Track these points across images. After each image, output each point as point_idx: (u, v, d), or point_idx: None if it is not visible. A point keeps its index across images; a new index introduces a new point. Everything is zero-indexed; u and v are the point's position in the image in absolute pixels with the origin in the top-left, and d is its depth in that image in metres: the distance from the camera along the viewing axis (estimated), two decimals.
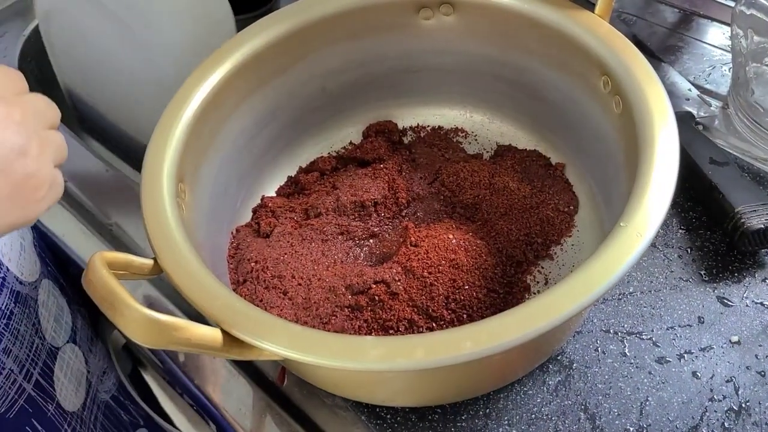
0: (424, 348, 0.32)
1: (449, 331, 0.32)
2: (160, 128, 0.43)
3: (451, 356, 0.31)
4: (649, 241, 0.34)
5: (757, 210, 0.47)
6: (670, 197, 0.36)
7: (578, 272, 0.33)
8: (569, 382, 0.44)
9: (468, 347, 0.31)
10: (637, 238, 0.34)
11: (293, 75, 0.51)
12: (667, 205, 0.35)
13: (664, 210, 0.35)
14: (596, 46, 0.44)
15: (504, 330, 0.32)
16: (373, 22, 0.51)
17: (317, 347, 0.33)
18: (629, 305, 0.47)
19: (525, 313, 0.32)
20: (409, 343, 0.32)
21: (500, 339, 0.32)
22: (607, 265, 0.33)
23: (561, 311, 0.32)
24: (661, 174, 0.37)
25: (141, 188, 0.40)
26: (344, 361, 0.32)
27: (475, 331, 0.32)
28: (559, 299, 0.32)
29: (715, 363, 0.44)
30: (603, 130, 0.46)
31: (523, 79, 0.52)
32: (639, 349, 0.45)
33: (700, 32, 0.67)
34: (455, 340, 0.32)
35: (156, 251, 0.37)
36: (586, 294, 0.32)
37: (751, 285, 0.48)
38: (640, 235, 0.34)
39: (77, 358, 0.52)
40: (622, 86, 0.42)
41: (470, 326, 0.32)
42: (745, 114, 0.57)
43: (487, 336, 0.32)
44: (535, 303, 0.33)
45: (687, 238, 0.51)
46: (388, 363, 0.32)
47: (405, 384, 0.40)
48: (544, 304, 0.33)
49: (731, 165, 0.51)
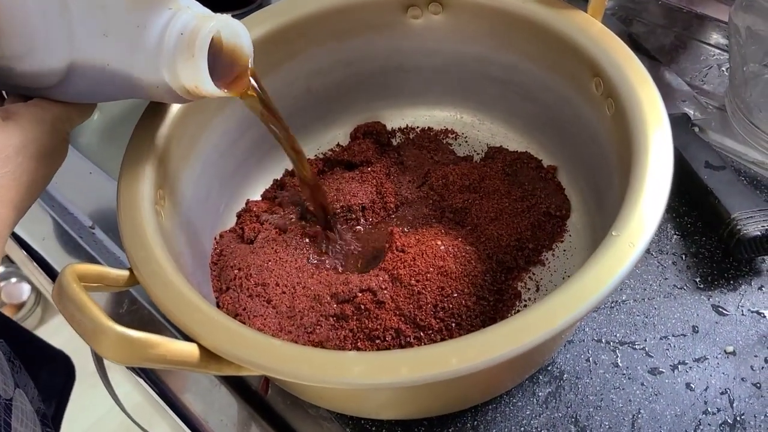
0: (408, 365, 0.30)
1: (434, 347, 0.31)
2: (138, 133, 0.42)
3: (436, 373, 0.30)
4: (642, 251, 0.33)
5: (754, 216, 0.46)
6: (664, 206, 0.34)
7: (568, 284, 0.32)
8: (560, 394, 0.43)
9: (454, 364, 0.30)
10: (629, 248, 0.33)
11: (278, 76, 0.50)
12: (660, 215, 0.34)
13: (658, 218, 0.34)
14: (588, 47, 0.43)
15: (490, 345, 0.31)
16: (360, 21, 0.50)
17: (297, 363, 0.31)
18: (622, 314, 0.46)
19: (512, 328, 0.31)
20: (393, 358, 0.31)
21: (486, 355, 0.30)
22: (598, 276, 0.32)
23: (549, 326, 0.31)
24: (654, 181, 0.35)
25: (117, 196, 0.39)
26: (325, 378, 0.31)
27: (461, 347, 0.31)
28: (547, 313, 0.31)
29: (710, 374, 0.43)
30: (595, 132, 0.45)
31: (515, 79, 0.51)
32: (631, 359, 0.44)
33: (697, 32, 0.66)
34: (441, 355, 0.31)
35: (132, 261, 0.36)
36: (575, 308, 0.31)
37: (747, 293, 0.46)
38: (632, 245, 0.33)
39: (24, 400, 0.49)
40: (614, 88, 0.41)
41: (456, 341, 0.31)
42: (743, 115, 0.56)
43: (473, 351, 0.30)
44: (522, 317, 0.31)
45: (682, 244, 0.49)
46: (370, 380, 0.30)
47: (390, 397, 0.38)
48: (531, 318, 0.31)
49: (728, 169, 0.50)
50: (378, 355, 0.32)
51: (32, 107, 0.35)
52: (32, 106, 0.35)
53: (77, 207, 0.57)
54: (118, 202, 0.38)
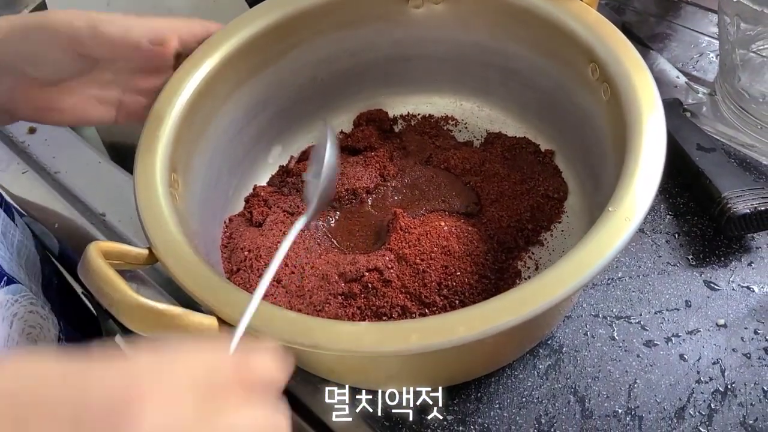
0: (418, 333, 0.32)
1: (442, 317, 0.33)
2: (152, 118, 0.43)
3: (445, 341, 0.32)
4: (638, 225, 0.35)
5: (743, 195, 0.48)
6: (658, 182, 0.36)
7: (568, 257, 0.34)
8: (559, 366, 0.45)
9: (461, 332, 0.32)
10: (625, 222, 0.35)
11: (284, 65, 0.51)
12: (654, 190, 0.36)
13: (652, 195, 0.36)
14: (584, 34, 0.45)
15: (495, 314, 0.32)
16: (363, 11, 0.51)
17: (314, 334, 0.33)
18: (618, 290, 0.48)
19: (516, 298, 0.33)
20: (404, 328, 0.33)
21: (492, 323, 0.32)
22: (596, 249, 0.34)
23: (551, 295, 0.33)
24: (648, 160, 0.37)
25: (134, 178, 0.40)
26: (340, 346, 0.33)
27: (468, 316, 0.33)
28: (550, 284, 0.33)
29: (702, 346, 0.45)
30: (591, 117, 0.47)
31: (513, 66, 0.53)
32: (627, 332, 0.46)
33: (688, 19, 0.68)
34: (449, 324, 0.32)
35: (151, 241, 0.38)
36: (575, 278, 0.33)
37: (737, 269, 0.48)
38: (628, 219, 0.35)
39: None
40: (609, 73, 0.43)
41: (463, 311, 0.33)
42: (732, 101, 0.58)
43: (479, 321, 0.32)
44: (525, 288, 0.33)
45: (675, 224, 0.51)
46: (383, 347, 0.32)
47: (398, 369, 0.40)
48: (534, 288, 0.33)
49: (718, 151, 0.52)
50: (389, 325, 0.34)
51: None
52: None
53: (88, 195, 0.59)
54: (135, 185, 0.40)
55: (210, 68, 0.47)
